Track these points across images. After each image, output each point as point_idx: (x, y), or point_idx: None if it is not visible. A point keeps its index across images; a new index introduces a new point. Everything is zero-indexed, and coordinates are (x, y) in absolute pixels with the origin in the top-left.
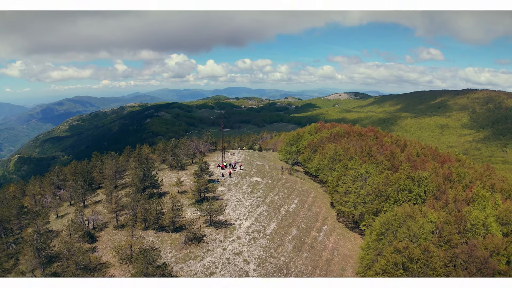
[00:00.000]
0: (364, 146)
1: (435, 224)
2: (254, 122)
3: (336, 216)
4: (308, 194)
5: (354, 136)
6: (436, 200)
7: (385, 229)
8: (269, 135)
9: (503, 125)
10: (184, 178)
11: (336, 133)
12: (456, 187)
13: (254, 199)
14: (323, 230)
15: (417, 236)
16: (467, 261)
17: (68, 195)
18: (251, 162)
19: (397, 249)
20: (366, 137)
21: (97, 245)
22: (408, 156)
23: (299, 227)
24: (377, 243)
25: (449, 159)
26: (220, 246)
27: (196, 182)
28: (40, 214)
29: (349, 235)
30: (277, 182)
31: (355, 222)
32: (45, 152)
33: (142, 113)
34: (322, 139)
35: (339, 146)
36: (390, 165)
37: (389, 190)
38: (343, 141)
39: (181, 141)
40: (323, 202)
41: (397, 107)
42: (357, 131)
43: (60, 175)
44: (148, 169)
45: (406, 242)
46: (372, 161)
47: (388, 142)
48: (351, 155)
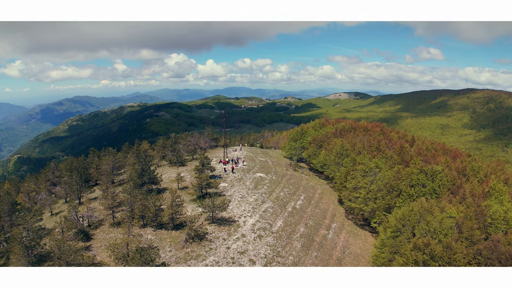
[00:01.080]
0: (372, 141)
1: (454, 219)
2: (254, 122)
3: (345, 213)
4: (315, 191)
5: (360, 131)
6: (452, 194)
7: (402, 225)
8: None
9: (504, 124)
10: (185, 174)
11: (341, 128)
12: (471, 181)
13: (258, 195)
14: (332, 228)
15: (437, 232)
16: (490, 258)
17: (63, 192)
18: (254, 158)
19: (418, 246)
20: (373, 132)
21: (92, 243)
22: (419, 151)
23: (307, 225)
24: (393, 240)
25: (460, 154)
26: (223, 244)
27: (197, 178)
28: (31, 211)
29: (359, 233)
30: (281, 178)
31: (365, 219)
32: (45, 152)
33: (141, 113)
34: (327, 135)
35: (346, 141)
36: (400, 159)
37: (401, 185)
38: (349, 136)
39: (181, 136)
40: (330, 198)
41: (397, 107)
42: (363, 126)
43: (56, 171)
44: (146, 164)
45: (428, 239)
46: (381, 155)
47: (395, 137)
48: (359, 149)
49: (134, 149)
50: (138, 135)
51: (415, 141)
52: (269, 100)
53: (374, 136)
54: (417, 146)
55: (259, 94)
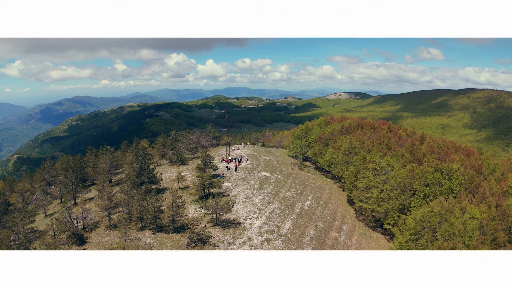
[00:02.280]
0: (382, 138)
1: (477, 220)
2: (254, 122)
3: (355, 214)
4: (322, 191)
5: (367, 129)
6: (470, 194)
7: (422, 227)
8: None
9: (505, 124)
10: (186, 173)
11: (348, 125)
12: (489, 180)
13: (264, 195)
14: (343, 230)
15: (461, 234)
16: None
17: (58, 192)
18: (257, 157)
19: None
20: (380, 130)
21: (86, 247)
22: (431, 148)
23: (316, 227)
24: (413, 243)
25: (472, 152)
26: (228, 249)
27: (200, 177)
28: (21, 211)
29: (371, 235)
30: (287, 177)
31: (376, 221)
32: (44, 152)
33: (141, 113)
34: (334, 132)
35: (354, 139)
36: (412, 157)
37: (415, 184)
38: (357, 133)
39: (181, 134)
40: (339, 199)
41: (397, 107)
42: (370, 123)
43: (52, 170)
44: (145, 162)
45: (454, 242)
46: (391, 153)
47: (404, 135)
48: (368, 147)
49: (133, 147)
50: (138, 135)
51: (424, 139)
52: (269, 100)
53: (382, 133)
54: (427, 144)
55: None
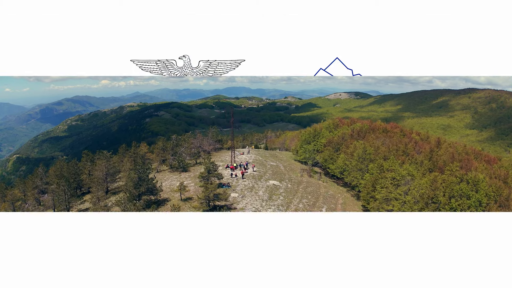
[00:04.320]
0: (398, 144)
1: None
2: (255, 121)
3: None
4: (336, 201)
5: (379, 133)
6: (500, 207)
7: None
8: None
9: (506, 124)
10: (188, 181)
11: (359, 129)
12: None
13: (274, 207)
14: None
15: None
16: None
17: (51, 202)
18: (264, 163)
19: None
20: (393, 133)
21: None
22: (452, 155)
23: None
24: None
25: (494, 158)
26: None
27: (204, 187)
28: None
29: None
30: (297, 186)
31: None
32: (44, 152)
33: (141, 113)
34: (344, 136)
35: (368, 144)
36: (432, 165)
37: (439, 196)
38: (370, 138)
39: (183, 138)
40: (354, 210)
41: (398, 107)
42: (382, 126)
43: (45, 177)
44: (144, 172)
45: None
46: (410, 160)
47: (418, 139)
48: (383, 153)
49: (131, 152)
50: (138, 134)
51: (441, 144)
52: (269, 100)
53: (396, 138)
54: (445, 149)
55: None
